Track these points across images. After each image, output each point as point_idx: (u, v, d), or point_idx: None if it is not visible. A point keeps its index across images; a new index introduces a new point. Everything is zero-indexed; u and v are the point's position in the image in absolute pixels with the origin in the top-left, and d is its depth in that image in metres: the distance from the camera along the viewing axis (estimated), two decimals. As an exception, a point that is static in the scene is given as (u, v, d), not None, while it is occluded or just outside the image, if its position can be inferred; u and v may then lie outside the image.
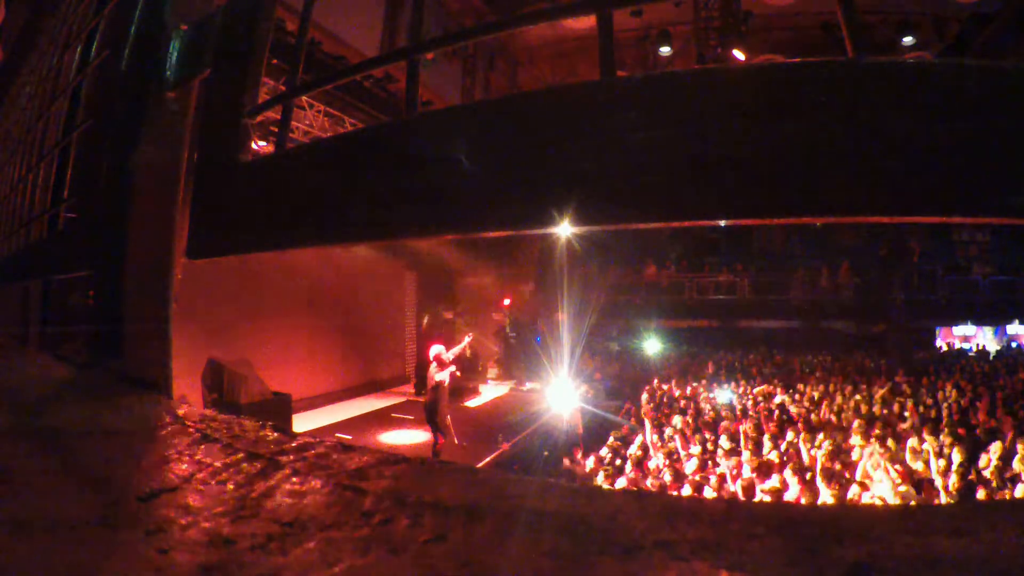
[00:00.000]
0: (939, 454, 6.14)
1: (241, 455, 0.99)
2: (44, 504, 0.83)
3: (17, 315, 4.13)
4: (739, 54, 10.85)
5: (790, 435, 7.24)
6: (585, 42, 12.85)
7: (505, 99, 1.32)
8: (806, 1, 11.11)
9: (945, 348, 16.79)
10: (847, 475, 5.70)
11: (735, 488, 5.65)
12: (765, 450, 6.72)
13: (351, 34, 9.38)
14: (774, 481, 5.53)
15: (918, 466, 5.88)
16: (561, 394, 9.89)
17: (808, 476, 5.53)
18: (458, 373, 7.87)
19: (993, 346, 16.95)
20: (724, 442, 7.05)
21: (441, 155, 1.25)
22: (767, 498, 4.98)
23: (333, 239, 1.75)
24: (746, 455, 6.47)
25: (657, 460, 6.89)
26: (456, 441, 7.97)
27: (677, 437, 7.57)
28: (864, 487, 5.23)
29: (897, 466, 5.50)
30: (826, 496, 5.07)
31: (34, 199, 3.58)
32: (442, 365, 7.76)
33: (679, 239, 18.52)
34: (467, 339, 8.22)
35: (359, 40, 9.48)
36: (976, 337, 17.39)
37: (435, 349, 7.89)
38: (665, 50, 12.53)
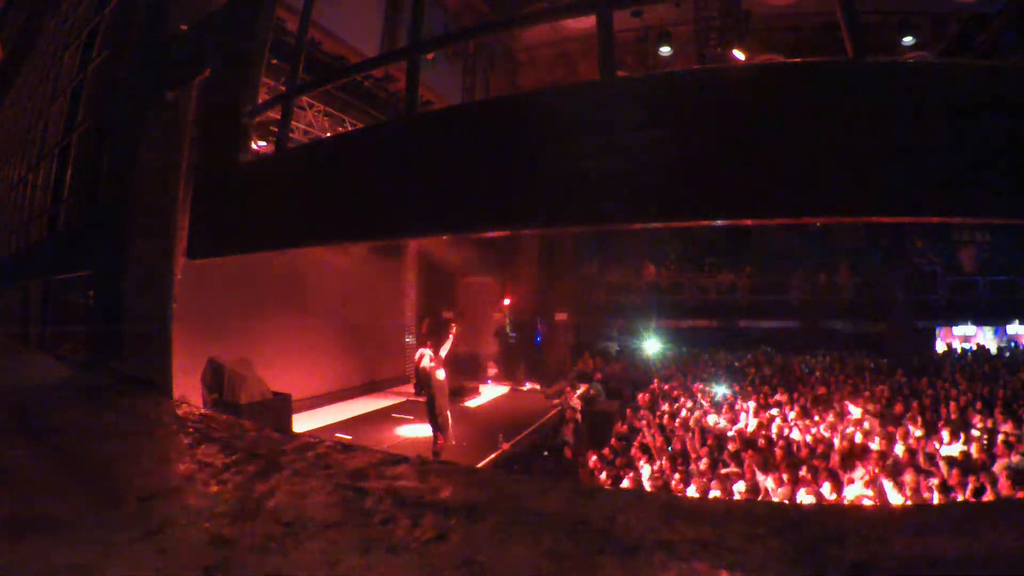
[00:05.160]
0: (940, 453, 6.14)
1: (241, 455, 0.99)
2: (44, 504, 0.83)
3: (17, 315, 4.13)
4: (739, 54, 10.85)
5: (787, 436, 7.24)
6: (585, 42, 12.85)
7: (505, 99, 1.32)
8: (806, 1, 11.10)
9: (945, 348, 16.78)
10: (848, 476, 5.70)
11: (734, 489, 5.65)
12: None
13: (351, 34, 9.36)
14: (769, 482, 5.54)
15: (919, 465, 5.88)
16: (561, 394, 9.88)
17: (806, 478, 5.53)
18: (451, 342, 7.88)
19: (993, 346, 16.94)
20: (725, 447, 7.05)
21: (441, 155, 1.25)
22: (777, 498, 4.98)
23: (333, 239, 1.76)
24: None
25: (656, 461, 6.89)
26: (453, 441, 7.96)
27: (674, 438, 7.57)
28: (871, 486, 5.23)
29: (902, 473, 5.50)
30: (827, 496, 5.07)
31: (34, 199, 3.58)
32: (437, 363, 7.78)
33: (679, 239, 18.51)
34: (451, 333, 8.19)
35: (359, 40, 9.47)
36: (976, 337, 17.37)
37: (421, 351, 7.99)
38: (665, 50, 12.53)
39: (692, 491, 5.74)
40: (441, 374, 7.82)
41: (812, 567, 0.56)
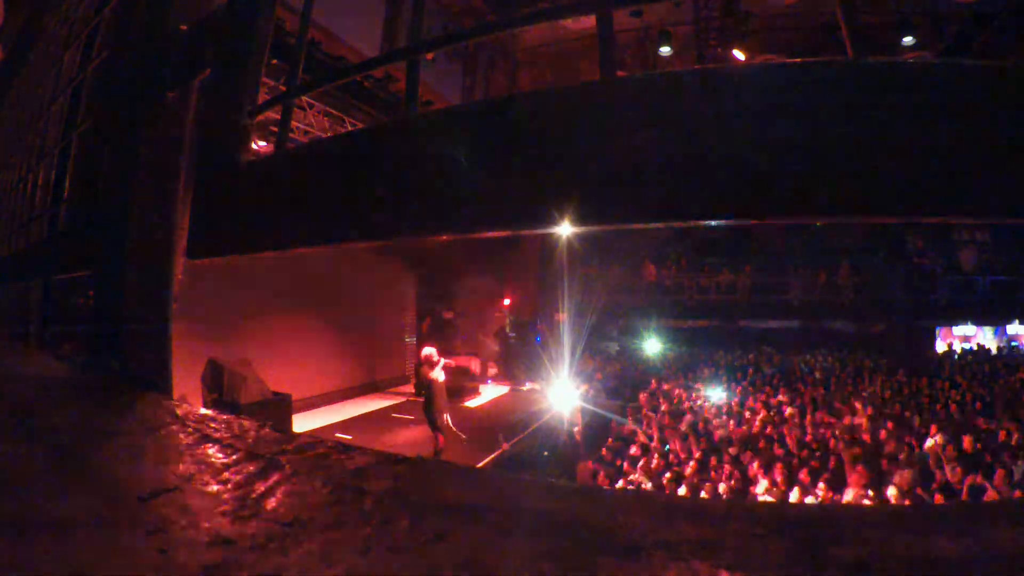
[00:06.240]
0: (941, 453, 6.14)
1: (241, 455, 0.99)
2: (44, 504, 0.83)
3: (17, 315, 4.14)
4: (739, 54, 10.85)
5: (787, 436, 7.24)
6: (585, 42, 12.84)
7: (505, 99, 1.32)
8: (806, 1, 11.10)
9: (945, 348, 16.78)
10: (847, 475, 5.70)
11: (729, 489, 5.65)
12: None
13: (351, 34, 9.36)
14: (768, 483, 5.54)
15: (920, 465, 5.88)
16: (561, 394, 9.89)
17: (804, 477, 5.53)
18: (452, 362, 7.94)
19: (993, 346, 16.94)
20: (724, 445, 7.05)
21: (441, 155, 1.25)
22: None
23: (333, 239, 1.75)
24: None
25: (656, 461, 6.89)
26: (463, 436, 7.97)
27: (675, 438, 7.57)
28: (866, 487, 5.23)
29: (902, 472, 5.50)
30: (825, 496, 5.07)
31: (34, 199, 3.58)
32: (432, 366, 7.81)
33: (679, 239, 18.51)
34: (438, 366, 8.18)
35: (359, 40, 9.46)
36: (976, 337, 17.37)
37: (426, 351, 7.98)
38: (665, 50, 12.52)
39: (683, 491, 5.75)
40: (441, 376, 7.85)
41: (812, 567, 0.56)
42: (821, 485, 5.48)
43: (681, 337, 17.69)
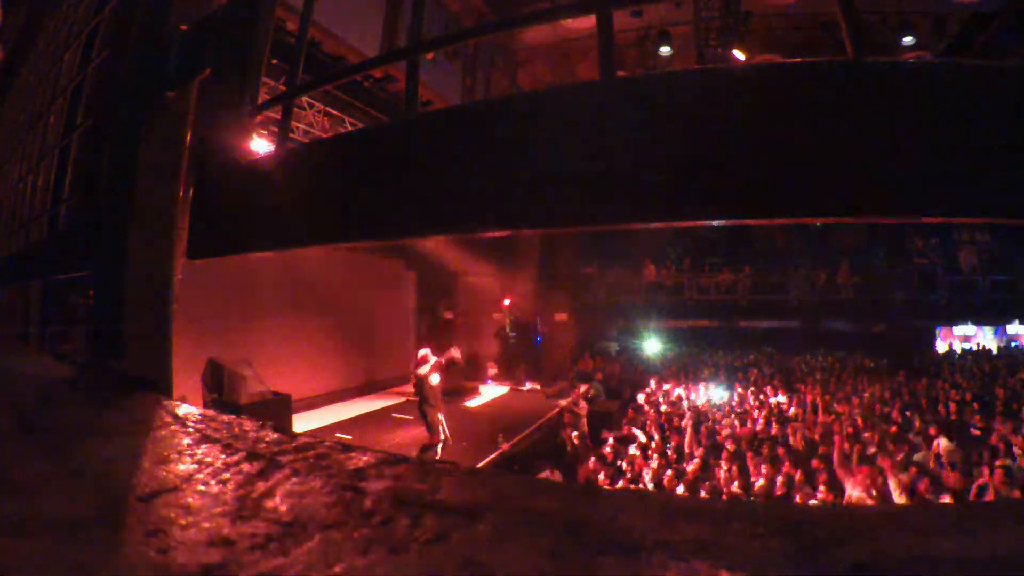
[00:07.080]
0: (940, 454, 6.15)
1: (241, 455, 0.99)
2: (44, 504, 0.83)
3: (17, 315, 4.14)
4: (739, 54, 10.85)
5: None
6: (585, 42, 12.84)
7: (505, 99, 1.32)
8: (806, 1, 11.10)
9: (946, 348, 16.78)
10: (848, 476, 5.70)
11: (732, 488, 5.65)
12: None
13: (351, 34, 9.36)
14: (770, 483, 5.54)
15: (918, 466, 5.88)
16: (561, 394, 9.89)
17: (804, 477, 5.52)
18: (454, 357, 7.93)
19: (993, 346, 16.95)
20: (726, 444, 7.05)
21: (441, 155, 1.26)
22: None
23: (333, 239, 1.76)
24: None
25: (656, 461, 6.89)
26: (450, 439, 7.96)
27: (675, 438, 7.57)
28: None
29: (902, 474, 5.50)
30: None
31: (34, 199, 3.58)
32: (434, 367, 7.81)
33: (679, 239, 18.52)
34: (455, 352, 8.22)
35: (359, 40, 9.46)
36: (976, 337, 17.38)
37: (423, 351, 8.00)
38: (665, 50, 12.52)
39: (682, 490, 5.75)
40: (435, 379, 7.85)
41: (812, 567, 0.56)
42: (821, 486, 5.48)
43: (681, 337, 17.71)
